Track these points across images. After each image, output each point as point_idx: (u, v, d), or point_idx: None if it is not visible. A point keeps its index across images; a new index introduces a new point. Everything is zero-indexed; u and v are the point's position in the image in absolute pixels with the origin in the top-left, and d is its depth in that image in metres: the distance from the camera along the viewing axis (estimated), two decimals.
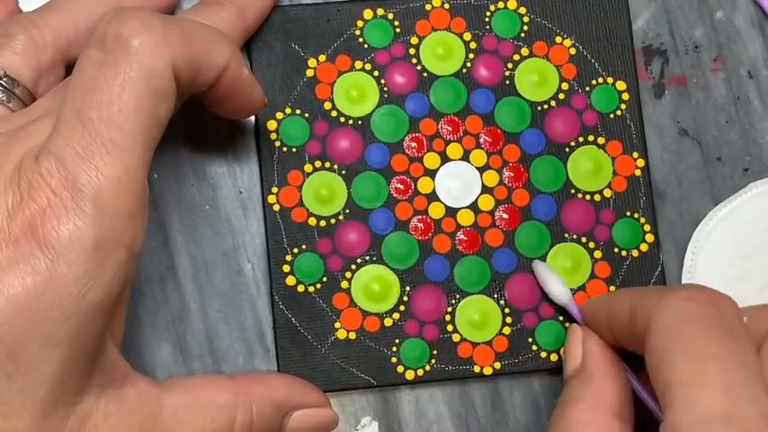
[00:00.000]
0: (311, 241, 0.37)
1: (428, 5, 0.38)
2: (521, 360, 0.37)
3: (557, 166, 0.38)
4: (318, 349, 0.36)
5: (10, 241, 0.27)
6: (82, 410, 0.29)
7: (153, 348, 0.36)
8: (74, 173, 0.27)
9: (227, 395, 0.32)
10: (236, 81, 0.32)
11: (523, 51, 0.38)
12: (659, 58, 0.39)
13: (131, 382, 0.30)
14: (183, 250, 0.37)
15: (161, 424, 0.30)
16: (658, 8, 0.39)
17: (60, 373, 0.27)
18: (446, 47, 0.38)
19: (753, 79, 0.39)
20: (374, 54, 0.38)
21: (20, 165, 0.28)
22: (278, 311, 0.36)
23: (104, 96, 0.27)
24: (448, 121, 0.38)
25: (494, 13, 0.38)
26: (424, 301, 0.37)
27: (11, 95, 0.32)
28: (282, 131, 0.37)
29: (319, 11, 0.38)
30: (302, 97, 0.37)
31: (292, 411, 0.34)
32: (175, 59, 0.28)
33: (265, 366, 0.37)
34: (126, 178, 0.27)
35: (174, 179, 0.37)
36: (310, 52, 0.37)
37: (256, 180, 0.37)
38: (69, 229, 0.27)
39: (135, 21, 0.28)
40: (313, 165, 0.37)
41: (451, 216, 0.37)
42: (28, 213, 0.27)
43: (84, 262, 0.27)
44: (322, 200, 0.37)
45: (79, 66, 0.28)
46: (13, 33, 0.33)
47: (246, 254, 0.37)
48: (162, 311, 0.37)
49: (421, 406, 0.37)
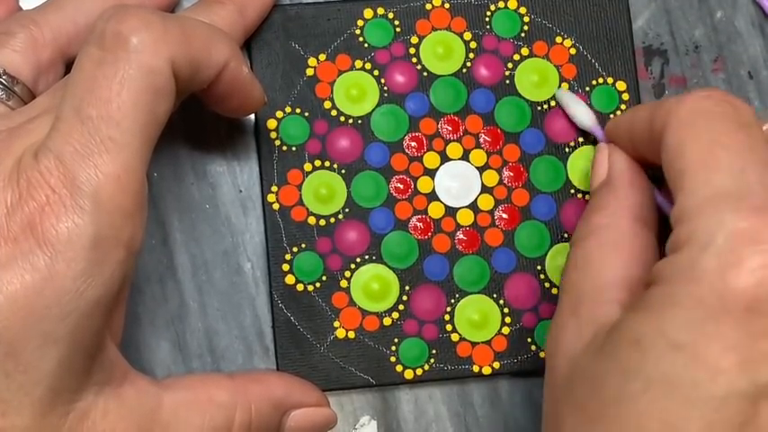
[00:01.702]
0: (311, 240, 0.37)
1: (428, 5, 0.38)
2: (520, 360, 0.37)
3: (557, 166, 0.38)
4: (317, 348, 0.36)
5: (9, 239, 0.27)
6: (80, 408, 0.29)
7: (152, 347, 0.36)
8: (73, 170, 0.27)
9: (225, 394, 0.32)
10: (236, 79, 0.32)
11: (523, 51, 0.38)
12: (659, 58, 0.39)
13: (130, 381, 0.30)
14: (183, 249, 0.37)
15: (160, 422, 0.30)
16: (658, 8, 0.39)
17: (59, 370, 0.27)
18: (446, 46, 0.38)
19: (753, 80, 0.39)
20: (374, 53, 0.38)
21: (19, 162, 0.28)
22: (277, 310, 0.36)
23: (103, 94, 0.27)
24: (448, 120, 0.38)
25: (494, 12, 0.38)
26: (423, 300, 0.37)
27: (10, 93, 0.32)
28: (282, 130, 0.37)
29: (320, 10, 0.38)
30: (302, 96, 0.37)
31: (291, 410, 0.34)
32: (175, 57, 0.28)
33: (264, 365, 0.37)
34: (125, 176, 0.27)
35: (174, 177, 0.37)
36: (310, 51, 0.37)
37: (256, 179, 0.37)
38: (68, 226, 0.27)
39: (134, 18, 0.28)
40: (313, 164, 0.37)
41: (451, 216, 0.37)
42: (27, 211, 0.27)
43: (82, 259, 0.27)
44: (322, 199, 0.37)
45: (78, 63, 0.28)
46: (12, 31, 0.33)
47: (246, 253, 0.37)
48: (161, 310, 0.37)
49: (420, 405, 0.37)
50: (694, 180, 0.27)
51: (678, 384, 0.25)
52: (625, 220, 0.32)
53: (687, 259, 0.26)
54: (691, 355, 0.25)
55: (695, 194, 0.27)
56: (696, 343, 0.25)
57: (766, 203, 0.26)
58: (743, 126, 0.28)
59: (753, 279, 0.25)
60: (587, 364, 0.29)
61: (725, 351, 0.25)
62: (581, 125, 0.37)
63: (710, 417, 0.25)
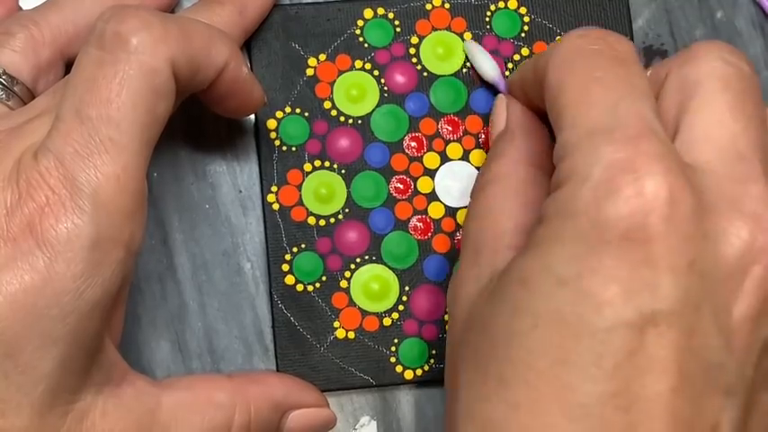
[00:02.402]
0: (310, 240, 0.37)
1: (428, 5, 0.38)
2: None
3: None
4: (317, 348, 0.36)
5: (8, 239, 0.27)
6: (80, 409, 0.29)
7: (152, 347, 0.36)
8: (72, 171, 0.27)
9: (225, 394, 0.32)
10: (236, 79, 0.32)
11: (524, 51, 0.38)
12: (659, 58, 0.39)
13: (129, 381, 0.30)
14: (183, 249, 0.37)
15: (159, 422, 0.30)
16: (659, 8, 0.39)
17: (58, 371, 0.27)
18: (446, 46, 0.38)
19: None
20: (374, 53, 0.38)
21: (19, 162, 0.28)
22: (277, 311, 0.36)
23: (103, 95, 0.27)
24: (448, 120, 0.38)
25: (494, 12, 0.38)
26: (423, 300, 0.37)
27: (10, 93, 0.32)
28: (282, 130, 0.37)
29: (319, 10, 0.38)
30: (302, 96, 0.37)
31: (290, 411, 0.34)
32: (174, 58, 0.28)
33: (264, 365, 0.37)
34: (124, 176, 0.27)
35: (174, 178, 0.37)
36: (310, 51, 0.37)
37: (256, 179, 0.37)
38: (68, 227, 0.27)
39: (134, 19, 0.28)
40: (313, 164, 0.37)
41: (451, 216, 0.37)
42: (26, 211, 0.27)
43: (82, 260, 0.27)
44: (321, 199, 0.37)
45: (78, 64, 0.28)
46: (12, 31, 0.33)
47: (246, 253, 0.37)
48: (161, 310, 0.37)
49: (420, 406, 0.37)
50: (571, 117, 0.27)
51: (565, 319, 0.25)
52: (522, 166, 0.32)
53: (567, 195, 0.26)
54: (575, 289, 0.25)
55: (573, 131, 0.27)
56: (580, 276, 0.25)
57: (640, 133, 0.26)
58: (619, 61, 0.28)
59: (628, 207, 0.25)
60: (481, 309, 0.29)
61: (607, 282, 0.25)
62: (485, 77, 0.37)
63: (598, 349, 0.25)
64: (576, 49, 0.29)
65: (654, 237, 0.25)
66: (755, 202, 0.27)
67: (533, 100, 0.33)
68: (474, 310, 0.29)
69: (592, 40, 0.29)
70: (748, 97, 0.29)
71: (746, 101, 0.28)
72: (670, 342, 0.25)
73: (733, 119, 0.28)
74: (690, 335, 0.25)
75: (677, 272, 0.25)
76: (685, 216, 0.25)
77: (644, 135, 0.26)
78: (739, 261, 0.26)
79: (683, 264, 0.25)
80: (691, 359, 0.25)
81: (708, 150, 0.28)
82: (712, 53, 0.29)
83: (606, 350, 0.25)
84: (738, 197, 0.27)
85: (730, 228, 0.26)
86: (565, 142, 0.27)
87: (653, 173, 0.25)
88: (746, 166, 0.27)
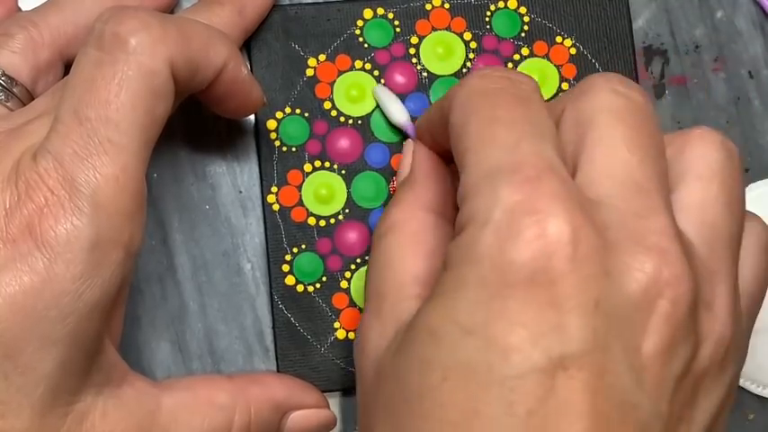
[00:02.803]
0: (311, 241, 0.37)
1: (428, 5, 0.38)
2: None
3: None
4: (318, 349, 0.36)
5: (7, 240, 0.27)
6: (79, 410, 0.29)
7: (152, 348, 0.36)
8: (71, 172, 0.27)
9: (225, 395, 0.32)
10: (235, 80, 0.32)
11: (524, 51, 0.38)
12: (659, 58, 0.39)
13: (129, 382, 0.30)
14: (183, 249, 0.37)
15: (159, 424, 0.30)
16: (659, 8, 0.39)
17: (58, 372, 0.27)
18: (446, 46, 0.38)
19: (753, 79, 0.39)
20: (374, 54, 0.38)
21: (18, 164, 0.28)
22: (277, 311, 0.36)
23: (102, 95, 0.27)
24: None
25: (494, 12, 0.38)
26: None
27: (9, 94, 0.32)
28: (282, 131, 0.37)
29: (319, 10, 0.38)
30: (302, 97, 0.37)
31: (290, 412, 0.34)
32: (173, 58, 0.28)
33: (265, 366, 0.37)
34: (123, 177, 0.27)
35: (174, 178, 0.37)
36: (310, 52, 0.37)
37: (256, 179, 0.37)
38: (67, 228, 0.27)
39: (133, 20, 0.28)
40: (313, 164, 0.37)
41: None
42: (26, 212, 0.27)
43: (81, 261, 0.27)
44: (322, 199, 0.37)
45: (77, 65, 0.28)
46: (11, 32, 0.33)
47: (246, 253, 0.37)
48: (161, 311, 0.37)
49: None
50: (473, 157, 0.27)
51: (474, 369, 0.25)
52: (422, 212, 0.32)
53: (469, 239, 0.25)
54: (482, 336, 0.25)
55: (473, 172, 0.26)
56: (486, 323, 0.25)
57: (540, 173, 0.25)
58: (521, 99, 0.28)
59: (530, 250, 0.24)
60: (390, 363, 0.28)
61: (513, 327, 0.24)
62: (394, 122, 0.37)
63: (509, 397, 0.24)
64: (479, 89, 0.28)
65: (558, 278, 0.24)
66: (657, 236, 0.26)
67: (442, 143, 0.32)
68: (383, 363, 0.28)
69: (494, 79, 0.28)
70: (642, 128, 0.28)
71: (641, 132, 0.28)
72: (581, 384, 0.24)
73: (629, 152, 0.27)
74: (601, 375, 0.24)
75: (583, 312, 0.24)
76: (588, 255, 0.25)
77: (544, 175, 0.25)
78: (645, 296, 0.25)
79: (588, 304, 0.24)
80: (604, 400, 0.24)
81: (608, 185, 0.27)
82: (603, 86, 0.28)
83: (517, 397, 0.24)
84: (641, 231, 0.26)
85: (634, 263, 0.25)
86: (466, 184, 0.26)
87: (554, 213, 0.25)
88: (646, 198, 0.27)
